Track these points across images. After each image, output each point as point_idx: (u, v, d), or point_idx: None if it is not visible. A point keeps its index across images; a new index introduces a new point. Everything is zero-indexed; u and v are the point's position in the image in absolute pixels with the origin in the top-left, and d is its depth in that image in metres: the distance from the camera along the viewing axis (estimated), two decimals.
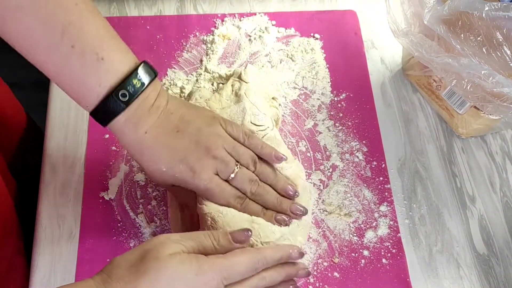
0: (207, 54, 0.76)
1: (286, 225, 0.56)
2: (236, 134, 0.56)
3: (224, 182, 0.55)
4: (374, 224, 0.65)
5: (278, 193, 0.58)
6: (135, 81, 0.49)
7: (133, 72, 0.49)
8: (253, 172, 0.57)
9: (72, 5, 0.47)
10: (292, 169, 0.60)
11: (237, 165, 0.55)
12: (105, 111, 0.50)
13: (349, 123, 0.72)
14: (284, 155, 0.58)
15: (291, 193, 0.57)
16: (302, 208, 0.57)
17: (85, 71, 0.48)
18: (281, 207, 0.57)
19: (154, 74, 0.51)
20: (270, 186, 0.58)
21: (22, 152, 0.79)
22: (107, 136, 0.69)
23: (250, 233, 0.49)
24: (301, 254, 0.52)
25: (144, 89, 0.50)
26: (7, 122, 0.74)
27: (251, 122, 0.60)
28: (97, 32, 0.48)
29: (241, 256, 0.47)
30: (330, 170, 0.68)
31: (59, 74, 0.49)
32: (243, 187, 0.56)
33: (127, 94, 0.49)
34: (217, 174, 0.54)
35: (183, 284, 0.44)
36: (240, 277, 0.47)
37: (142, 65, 0.50)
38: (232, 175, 0.54)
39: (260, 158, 0.58)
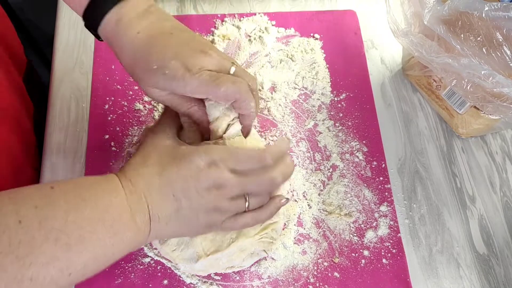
0: None
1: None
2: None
3: (220, 73, 0.50)
4: (374, 224, 0.65)
5: None
6: None
7: None
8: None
9: None
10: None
11: (234, 64, 0.52)
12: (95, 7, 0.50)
13: (349, 123, 0.72)
14: None
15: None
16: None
17: None
18: None
19: None
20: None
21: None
22: (107, 136, 0.69)
23: None
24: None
25: None
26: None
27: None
28: None
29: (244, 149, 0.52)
30: (330, 170, 0.69)
31: None
32: (244, 76, 0.52)
33: None
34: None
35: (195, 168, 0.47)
36: (244, 165, 0.49)
37: None
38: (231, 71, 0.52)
39: None
